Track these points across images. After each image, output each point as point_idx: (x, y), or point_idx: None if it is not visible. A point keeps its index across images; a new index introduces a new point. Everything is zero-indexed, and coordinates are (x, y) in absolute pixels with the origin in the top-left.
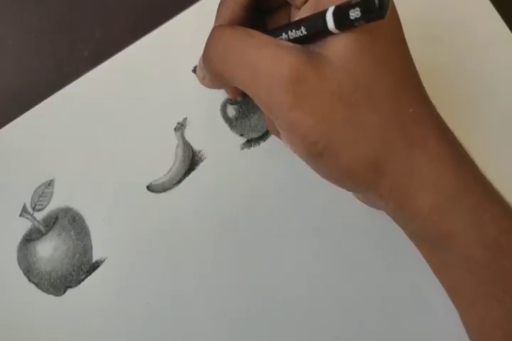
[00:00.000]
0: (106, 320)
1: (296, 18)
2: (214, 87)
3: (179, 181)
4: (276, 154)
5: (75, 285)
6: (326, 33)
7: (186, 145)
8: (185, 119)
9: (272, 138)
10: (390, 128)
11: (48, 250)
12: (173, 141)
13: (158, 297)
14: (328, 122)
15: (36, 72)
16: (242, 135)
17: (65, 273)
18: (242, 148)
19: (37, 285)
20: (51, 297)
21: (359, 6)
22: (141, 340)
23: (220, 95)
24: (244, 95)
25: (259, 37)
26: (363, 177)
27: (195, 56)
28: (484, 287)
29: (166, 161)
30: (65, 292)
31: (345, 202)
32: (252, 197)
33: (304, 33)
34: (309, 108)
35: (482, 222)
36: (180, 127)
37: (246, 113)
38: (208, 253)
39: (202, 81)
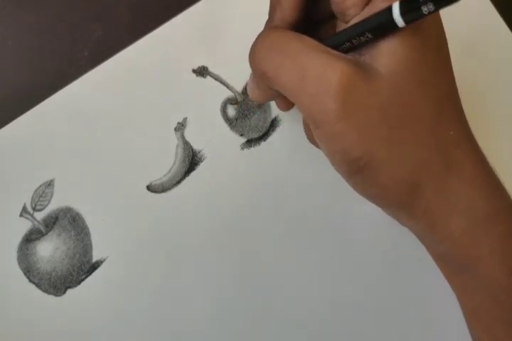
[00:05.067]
0: (106, 320)
1: None
2: (263, 99)
3: (179, 181)
4: (276, 154)
5: (75, 286)
6: (388, 29)
7: (186, 145)
8: (185, 119)
9: (272, 138)
10: (429, 150)
11: (48, 250)
12: (173, 141)
13: (158, 297)
14: (371, 139)
15: (36, 72)
16: (242, 135)
17: (65, 273)
18: (242, 148)
19: (37, 285)
20: (51, 297)
21: None
22: (141, 340)
23: (220, 95)
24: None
25: (308, 40)
26: (398, 198)
27: (195, 56)
28: (505, 313)
29: (166, 161)
30: (65, 292)
31: (345, 202)
32: (252, 197)
33: (370, 37)
34: (355, 121)
35: (510, 249)
36: (181, 127)
37: (246, 113)
38: (208, 253)
39: (251, 93)
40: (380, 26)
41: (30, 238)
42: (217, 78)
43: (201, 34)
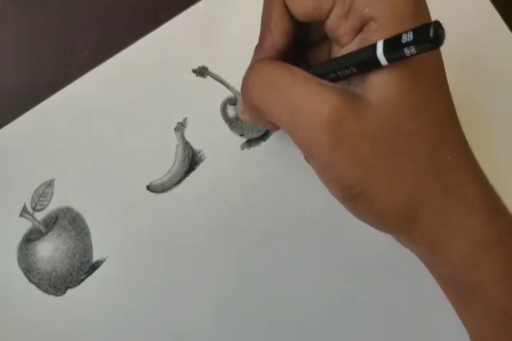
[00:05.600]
0: (106, 320)
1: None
2: (254, 123)
3: (179, 181)
4: (276, 154)
5: (75, 286)
6: (372, 66)
7: (186, 145)
8: (185, 119)
9: (272, 138)
10: (427, 176)
11: (48, 250)
12: (173, 141)
13: (158, 297)
14: (365, 167)
15: (36, 72)
16: (242, 135)
17: (65, 274)
18: (242, 148)
19: (37, 285)
20: (51, 297)
21: (413, 36)
22: (141, 340)
23: (220, 95)
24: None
25: (299, 74)
26: (396, 223)
27: (195, 56)
28: (508, 337)
29: (166, 161)
30: (65, 292)
31: None
32: (251, 197)
33: (354, 71)
34: (348, 151)
35: (511, 275)
36: (181, 127)
37: None
38: (208, 253)
39: (241, 115)
40: (364, 62)
41: (30, 238)
42: (217, 78)
43: (201, 34)
